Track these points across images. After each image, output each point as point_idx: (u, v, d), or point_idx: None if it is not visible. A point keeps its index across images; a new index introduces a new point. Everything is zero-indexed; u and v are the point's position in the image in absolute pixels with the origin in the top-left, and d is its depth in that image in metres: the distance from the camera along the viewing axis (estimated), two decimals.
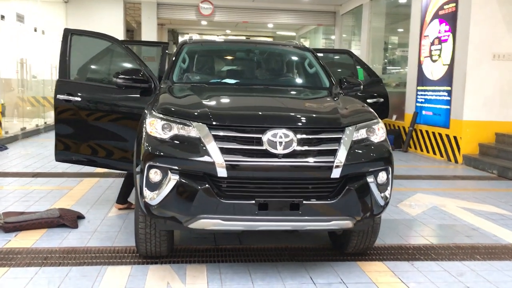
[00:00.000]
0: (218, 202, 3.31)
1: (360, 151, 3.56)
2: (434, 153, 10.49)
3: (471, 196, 6.77)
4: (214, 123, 3.42)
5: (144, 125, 3.67)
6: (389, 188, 3.72)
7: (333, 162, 3.40)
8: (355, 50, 16.02)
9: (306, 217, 3.39)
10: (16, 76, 12.64)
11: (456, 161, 9.73)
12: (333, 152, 3.44)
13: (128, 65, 5.24)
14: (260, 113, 3.72)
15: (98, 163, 5.30)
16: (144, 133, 3.61)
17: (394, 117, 12.64)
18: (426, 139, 10.86)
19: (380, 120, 3.87)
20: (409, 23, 11.81)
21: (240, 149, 3.37)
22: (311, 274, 3.83)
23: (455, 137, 9.76)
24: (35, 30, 13.75)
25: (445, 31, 10.15)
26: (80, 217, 5.10)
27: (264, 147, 3.36)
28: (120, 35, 15.98)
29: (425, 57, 10.96)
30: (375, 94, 6.60)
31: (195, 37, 5.73)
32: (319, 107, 4.08)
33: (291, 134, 3.39)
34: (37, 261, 3.93)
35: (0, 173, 7.44)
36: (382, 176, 3.65)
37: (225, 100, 4.16)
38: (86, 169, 7.50)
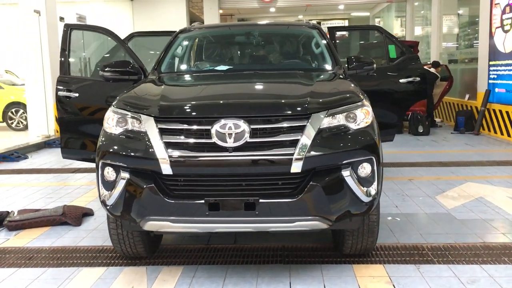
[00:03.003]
0: (164, 202, 3.01)
1: (331, 141, 3.06)
2: (509, 135, 9.36)
3: None
4: (160, 115, 3.11)
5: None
6: (375, 182, 3.18)
7: (292, 154, 2.95)
8: (427, 26, 14.84)
9: (264, 218, 2.98)
10: (80, 75, 13.13)
11: None
12: (295, 143, 2.99)
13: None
14: (209, 102, 3.35)
15: None
16: (102, 128, 3.41)
17: (467, 96, 11.51)
18: (500, 120, 9.73)
19: (365, 103, 3.30)
20: None
21: (188, 144, 3.03)
22: (293, 279, 3.42)
23: None
24: None
25: None
26: (89, 214, 5.05)
27: (212, 140, 2.99)
28: None
29: (497, 27, 9.79)
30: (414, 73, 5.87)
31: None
32: (288, 92, 3.56)
33: (243, 124, 2.98)
34: (19, 262, 3.89)
35: (43, 169, 7.70)
36: (364, 169, 3.13)
37: (187, 89, 3.82)
38: None
